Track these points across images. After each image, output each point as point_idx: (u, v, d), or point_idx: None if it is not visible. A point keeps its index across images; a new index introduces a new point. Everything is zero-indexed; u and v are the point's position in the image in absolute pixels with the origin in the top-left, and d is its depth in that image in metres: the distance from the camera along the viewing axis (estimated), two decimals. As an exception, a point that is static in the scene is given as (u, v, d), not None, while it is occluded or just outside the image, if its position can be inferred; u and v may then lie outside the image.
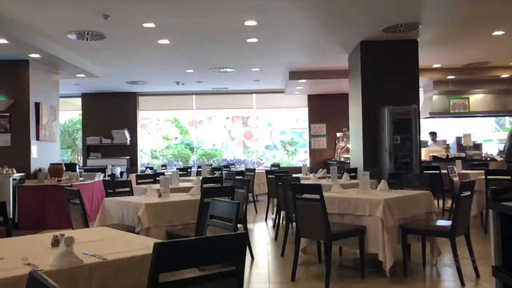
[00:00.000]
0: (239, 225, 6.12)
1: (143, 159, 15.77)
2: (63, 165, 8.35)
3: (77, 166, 12.82)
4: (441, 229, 4.22)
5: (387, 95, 7.97)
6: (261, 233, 7.06)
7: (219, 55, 9.11)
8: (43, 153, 8.61)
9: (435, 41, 8.27)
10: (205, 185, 5.81)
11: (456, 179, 7.63)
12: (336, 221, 4.42)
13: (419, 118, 7.85)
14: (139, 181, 7.23)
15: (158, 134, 16.72)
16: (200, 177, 7.36)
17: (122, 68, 10.30)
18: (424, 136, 10.83)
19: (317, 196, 4.04)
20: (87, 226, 4.15)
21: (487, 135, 15.75)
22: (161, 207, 4.32)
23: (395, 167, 7.55)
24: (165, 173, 8.42)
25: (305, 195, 4.29)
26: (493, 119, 15.63)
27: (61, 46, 8.10)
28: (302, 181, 5.99)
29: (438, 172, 8.06)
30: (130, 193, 5.57)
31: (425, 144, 11.12)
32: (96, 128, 13.65)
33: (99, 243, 2.42)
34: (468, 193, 4.20)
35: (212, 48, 8.48)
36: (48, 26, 6.96)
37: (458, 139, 12.82)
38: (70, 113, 15.55)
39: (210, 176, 8.12)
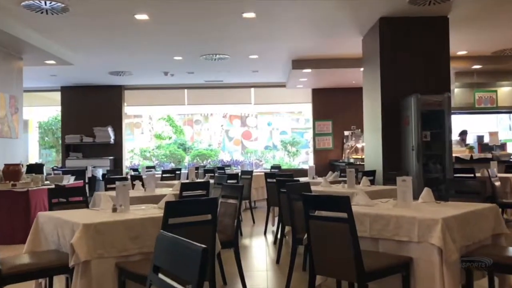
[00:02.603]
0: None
1: (134, 160, 14.41)
2: (21, 165, 6.94)
3: (53, 168, 11.53)
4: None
5: (412, 83, 6.61)
6: (259, 254, 5.65)
7: (211, 37, 7.72)
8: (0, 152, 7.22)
9: (468, 18, 6.89)
10: (184, 193, 4.44)
11: (498, 183, 6.25)
12: (367, 249, 3.04)
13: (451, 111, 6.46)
14: (108, 186, 5.86)
15: (150, 133, 15.34)
16: (184, 181, 5.97)
17: (99, 54, 8.88)
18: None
19: (344, 215, 2.66)
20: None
21: (505, 134, 14.42)
22: (110, 228, 2.92)
23: (423, 169, 6.16)
24: (143, 176, 7.04)
25: (322, 212, 2.91)
26: (505, 116, 14.22)
27: (19, 23, 6.72)
28: (313, 188, 4.60)
29: (472, 175, 6.71)
30: (85, 204, 4.20)
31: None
32: (76, 125, 12.27)
33: None
34: None
35: (202, 27, 7.10)
36: (-5, -7, 5.60)
37: (480, 138, 11.49)
38: (54, 109, 14.15)
39: (193, 180, 6.67)
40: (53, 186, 6.68)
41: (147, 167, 11.07)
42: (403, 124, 6.50)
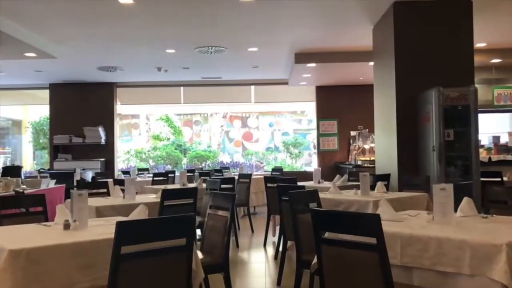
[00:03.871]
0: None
1: (131, 161, 13.68)
2: (-9, 168, 6.21)
3: (39, 170, 10.78)
4: None
5: (431, 76, 5.82)
6: (257, 272, 4.87)
7: (205, 25, 6.94)
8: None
9: (492, 3, 6.12)
10: (166, 203, 3.68)
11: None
12: (397, 281, 2.26)
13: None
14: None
15: (147, 134, 14.60)
16: (171, 187, 5.21)
17: (84, 46, 8.10)
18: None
19: (371, 240, 1.89)
20: None
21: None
22: (50, 254, 2.15)
23: (445, 172, 5.38)
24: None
25: (341, 235, 2.14)
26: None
27: (-11, 8, 5.99)
28: (321, 196, 3.81)
29: (500, 179, 5.95)
30: (43, 216, 3.45)
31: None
32: (65, 124, 11.51)
33: None
34: None
35: (194, 12, 6.33)
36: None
37: (495, 139, 10.74)
38: (47, 109, 13.39)
39: (184, 185, 5.86)
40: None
41: (139, 170, 10.31)
42: (423, 121, 5.72)
